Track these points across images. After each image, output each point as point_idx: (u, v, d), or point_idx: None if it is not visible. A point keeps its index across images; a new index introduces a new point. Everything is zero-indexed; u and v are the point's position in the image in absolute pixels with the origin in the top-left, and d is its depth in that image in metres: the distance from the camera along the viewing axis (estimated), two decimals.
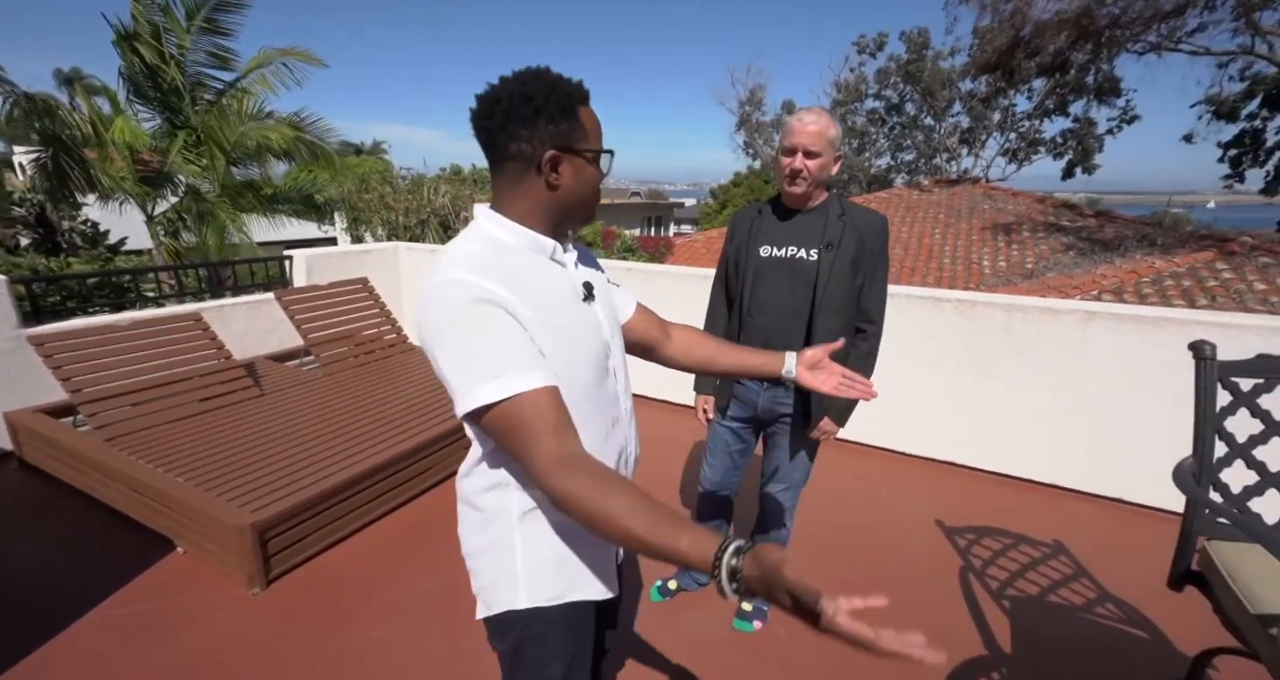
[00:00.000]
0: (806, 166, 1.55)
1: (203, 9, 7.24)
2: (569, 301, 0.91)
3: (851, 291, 1.65)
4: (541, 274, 0.89)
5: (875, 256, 1.66)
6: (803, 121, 1.55)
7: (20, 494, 2.74)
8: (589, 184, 0.92)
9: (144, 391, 2.82)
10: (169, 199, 7.97)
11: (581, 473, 0.75)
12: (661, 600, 2.14)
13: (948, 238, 12.99)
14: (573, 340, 0.89)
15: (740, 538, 0.68)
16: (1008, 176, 23.21)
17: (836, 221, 1.64)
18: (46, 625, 1.92)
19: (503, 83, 0.85)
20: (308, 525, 2.27)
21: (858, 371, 1.68)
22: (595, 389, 0.93)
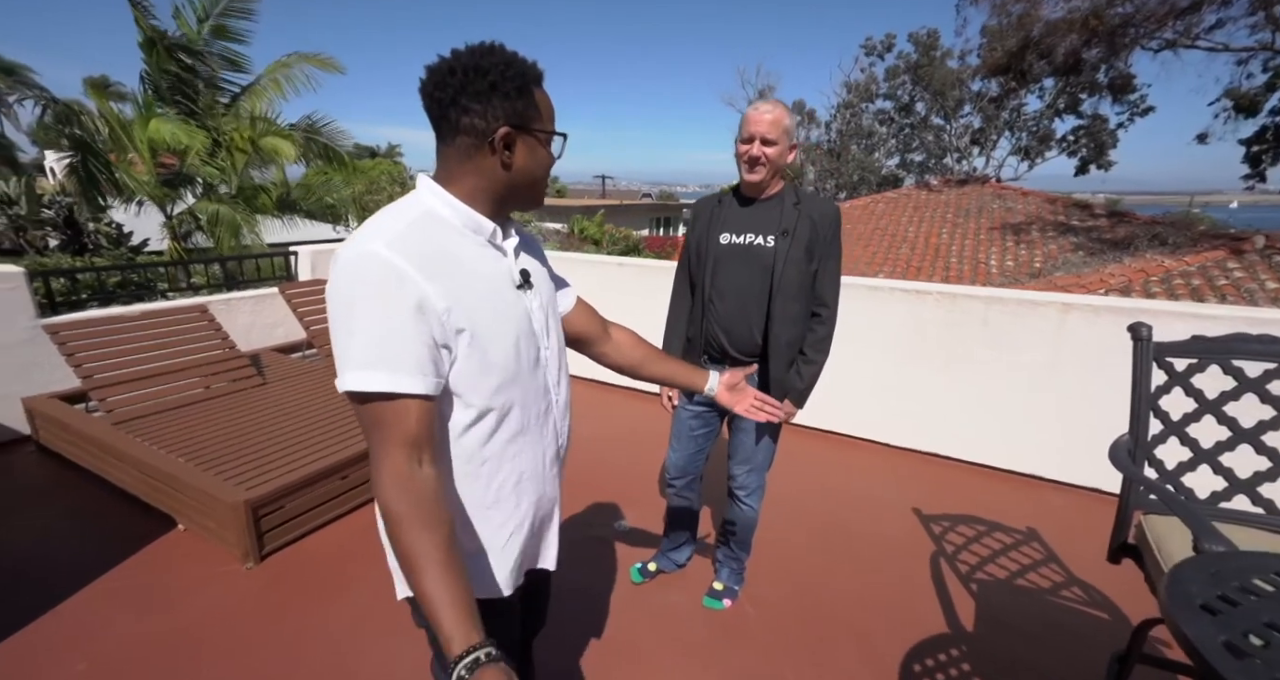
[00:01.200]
0: (764, 153, 1.62)
1: (211, 16, 7.48)
2: (501, 287, 0.90)
3: (807, 276, 1.71)
4: (475, 257, 0.88)
5: (829, 244, 1.72)
6: (759, 111, 1.62)
7: (36, 475, 2.89)
8: (542, 165, 0.91)
9: (151, 378, 2.97)
10: (187, 201, 8.22)
11: (411, 499, 0.73)
12: (641, 581, 2.21)
13: (956, 237, 12.89)
14: (498, 326, 0.87)
15: (489, 647, 0.68)
16: (1020, 176, 22.94)
17: (792, 210, 1.69)
18: (55, 594, 2.05)
19: (455, 55, 0.83)
20: (300, 505, 2.38)
21: (813, 354, 1.75)
22: (523, 377, 0.92)
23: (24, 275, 3.08)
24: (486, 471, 0.92)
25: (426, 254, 0.80)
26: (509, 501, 0.96)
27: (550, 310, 1.03)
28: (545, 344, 0.98)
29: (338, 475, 2.51)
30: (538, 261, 1.04)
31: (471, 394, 0.86)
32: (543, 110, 0.88)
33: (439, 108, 0.84)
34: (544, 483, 1.02)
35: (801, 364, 1.78)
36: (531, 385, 0.95)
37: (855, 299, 3.22)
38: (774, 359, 1.75)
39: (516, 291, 0.93)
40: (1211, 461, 1.40)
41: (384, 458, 0.75)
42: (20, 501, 2.66)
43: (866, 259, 12.18)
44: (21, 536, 2.42)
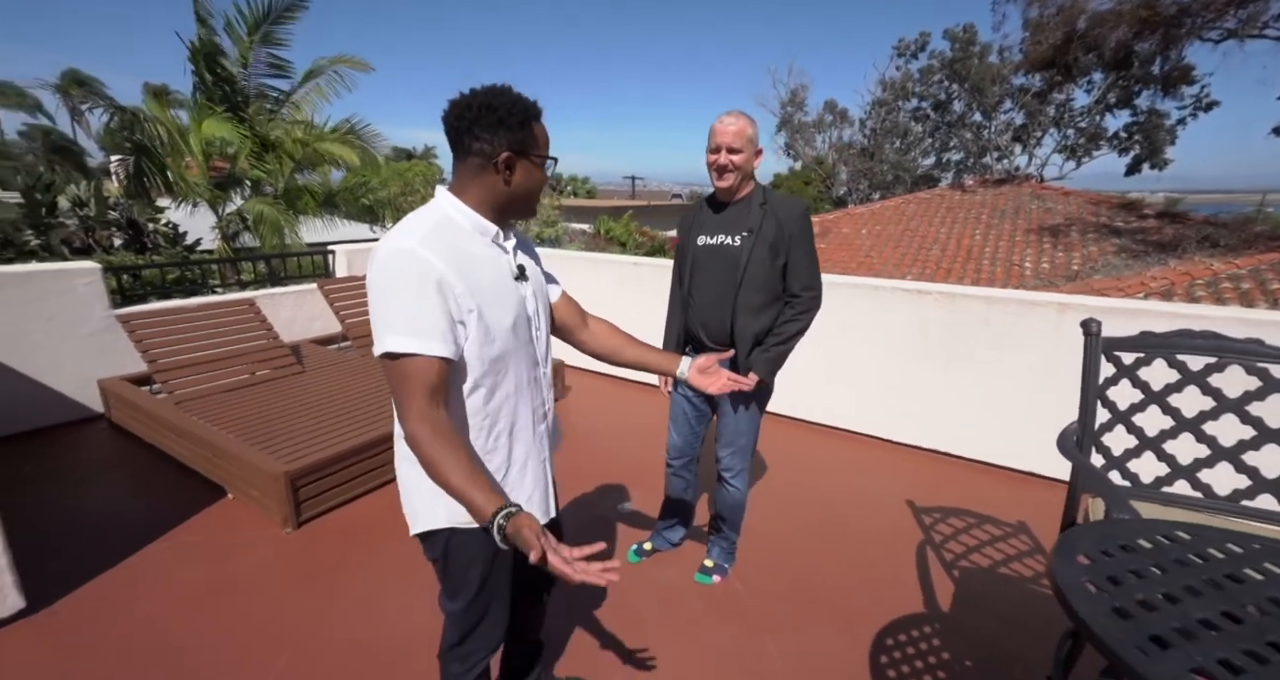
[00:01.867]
0: (731, 161, 1.78)
1: (262, 24, 7.97)
2: (503, 278, 1.12)
3: (772, 271, 1.83)
4: (482, 253, 1.09)
5: (795, 239, 1.83)
6: (724, 123, 1.78)
7: (108, 448, 3.25)
8: (535, 183, 1.12)
9: (206, 364, 3.30)
10: (236, 203, 8.77)
11: (433, 427, 0.95)
12: (638, 561, 2.37)
13: (989, 239, 12.62)
14: (500, 308, 1.08)
15: (515, 505, 0.91)
16: (1065, 175, 22.11)
17: (758, 210, 1.83)
18: (123, 551, 2.35)
19: (473, 93, 1.05)
20: (334, 478, 2.64)
21: (786, 329, 1.86)
22: (519, 349, 1.15)
23: (100, 271, 3.45)
24: (488, 424, 1.15)
25: (447, 249, 1.02)
26: (504, 447, 1.18)
27: (540, 299, 1.25)
28: (536, 325, 1.21)
29: (368, 453, 2.76)
30: (531, 259, 1.26)
31: (477, 361, 1.08)
32: (539, 140, 1.10)
33: (456, 133, 1.06)
34: (532, 436, 1.24)
35: (769, 339, 1.88)
36: (524, 357, 1.18)
37: (858, 299, 3.33)
38: (739, 346, 1.89)
39: (515, 282, 1.15)
40: (1155, 449, 1.50)
41: (411, 403, 0.97)
42: (95, 471, 3.01)
43: (895, 260, 12.04)
44: (96, 501, 2.75)
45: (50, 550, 2.30)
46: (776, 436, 3.49)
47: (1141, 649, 0.78)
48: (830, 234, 13.65)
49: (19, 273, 3.22)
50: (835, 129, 25.77)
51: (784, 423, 3.73)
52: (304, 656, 1.84)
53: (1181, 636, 0.80)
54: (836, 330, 3.39)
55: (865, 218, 14.40)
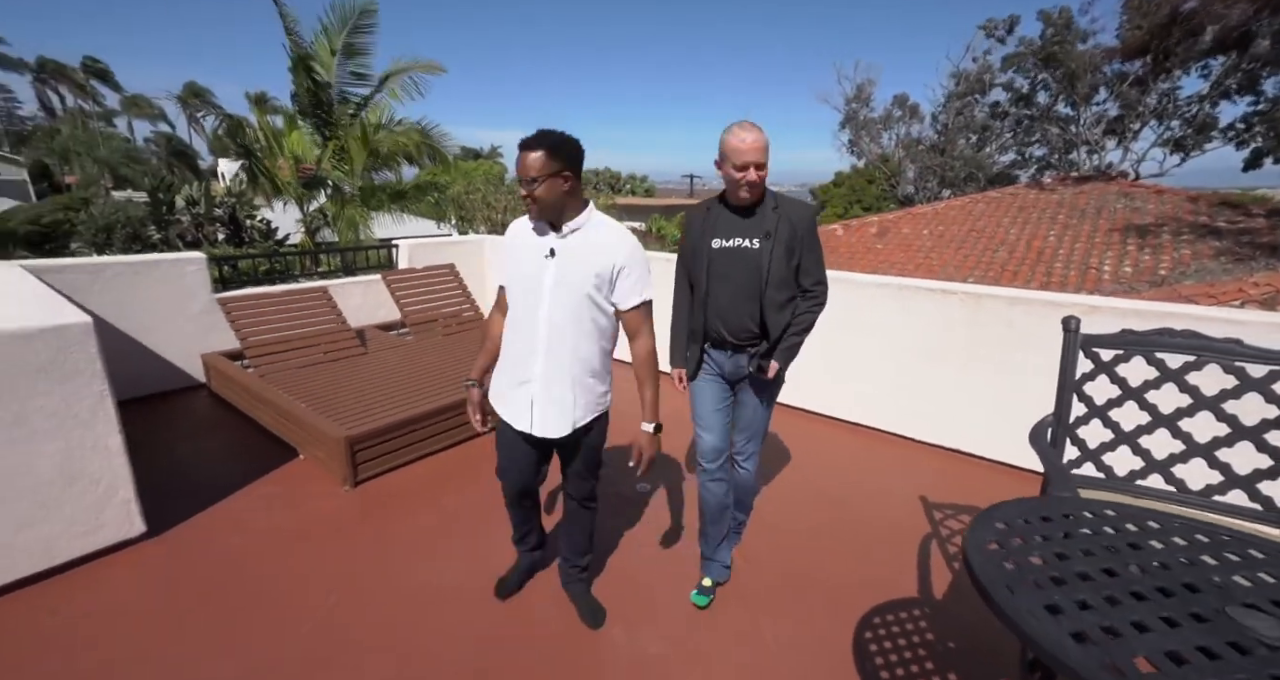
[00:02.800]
0: (760, 176, 1.84)
1: (342, 34, 8.71)
2: (534, 253, 1.69)
3: (789, 270, 1.93)
4: (531, 236, 1.72)
5: (806, 239, 1.93)
6: (746, 142, 1.80)
7: (207, 413, 3.78)
8: None
9: (286, 343, 3.77)
10: (319, 200, 9.63)
11: (493, 319, 1.89)
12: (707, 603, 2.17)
13: (1065, 240, 11.86)
14: (520, 268, 1.72)
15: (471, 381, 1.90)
16: (1167, 171, 20.22)
17: (772, 214, 1.91)
18: (215, 496, 2.78)
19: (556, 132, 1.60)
20: (388, 445, 2.99)
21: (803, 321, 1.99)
22: (523, 300, 1.72)
23: (205, 260, 4.01)
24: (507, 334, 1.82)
25: (518, 228, 1.77)
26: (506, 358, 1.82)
27: (565, 280, 1.66)
28: (543, 291, 1.67)
29: (419, 424, 3.10)
30: (588, 258, 1.67)
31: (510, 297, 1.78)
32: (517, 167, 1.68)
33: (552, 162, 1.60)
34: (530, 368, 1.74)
35: (789, 333, 1.98)
36: (525, 306, 1.72)
37: (883, 298, 3.37)
38: (772, 337, 1.99)
39: (544, 259, 1.67)
40: (1131, 443, 1.53)
41: (494, 307, 1.89)
42: (197, 431, 3.53)
43: (957, 262, 11.54)
44: (197, 455, 3.24)
45: (163, 491, 2.75)
46: (794, 430, 3.58)
47: (1009, 587, 0.90)
48: (889, 234, 13.24)
49: (144, 261, 3.80)
50: (904, 125, 24.79)
51: (804, 416, 3.81)
52: (351, 595, 2.16)
53: (1054, 583, 0.92)
54: (859, 328, 3.44)
55: (928, 217, 13.85)
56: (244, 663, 1.85)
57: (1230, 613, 0.83)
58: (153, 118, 37.73)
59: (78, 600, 2.11)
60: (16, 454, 2.06)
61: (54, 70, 36.48)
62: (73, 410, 2.16)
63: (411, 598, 2.15)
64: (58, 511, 2.18)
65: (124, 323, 3.73)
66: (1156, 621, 0.82)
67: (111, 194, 19.86)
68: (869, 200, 23.94)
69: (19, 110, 38.07)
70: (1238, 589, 0.89)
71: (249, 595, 2.15)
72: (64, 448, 2.16)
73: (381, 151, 9.24)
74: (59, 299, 2.64)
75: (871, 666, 1.87)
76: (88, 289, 3.55)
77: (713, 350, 2.09)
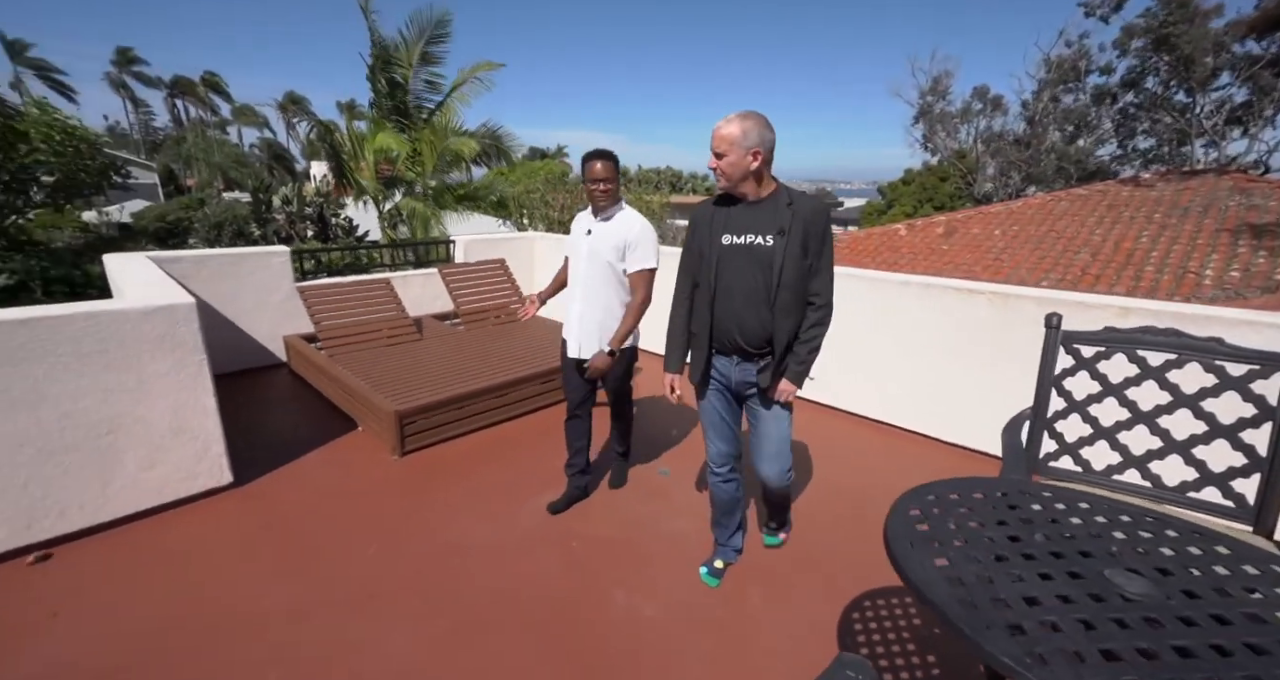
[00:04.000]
0: (718, 165, 1.82)
1: (419, 43, 9.36)
2: (579, 233, 2.50)
3: (802, 269, 1.84)
4: (581, 222, 2.53)
5: (820, 239, 1.84)
6: (716, 127, 1.80)
7: (286, 388, 4.29)
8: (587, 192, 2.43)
9: (352, 327, 4.21)
10: (395, 199, 10.40)
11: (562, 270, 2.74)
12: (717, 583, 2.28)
13: (1161, 241, 10.88)
14: (570, 247, 2.57)
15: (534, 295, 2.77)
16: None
17: (785, 210, 1.83)
18: (286, 457, 3.21)
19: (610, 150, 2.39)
20: (433, 419, 3.33)
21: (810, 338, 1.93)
22: (575, 263, 2.53)
23: (288, 253, 4.54)
24: None
25: (577, 217, 2.58)
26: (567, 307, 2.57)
27: (595, 254, 2.43)
28: (582, 256, 2.47)
29: (463, 403, 3.42)
30: (612, 235, 2.40)
31: None
32: (586, 171, 2.38)
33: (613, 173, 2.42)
34: (572, 311, 2.53)
35: (799, 347, 1.91)
36: (575, 272, 2.54)
37: (908, 297, 3.36)
38: (778, 345, 1.90)
39: (585, 236, 2.46)
40: (1110, 438, 1.55)
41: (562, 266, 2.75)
42: (276, 402, 4.03)
43: (1030, 264, 10.86)
44: (276, 422, 3.71)
45: (246, 450, 3.20)
46: (817, 425, 3.63)
47: (911, 542, 1.00)
48: (957, 234, 12.61)
49: (238, 253, 4.37)
50: (984, 118, 23.38)
51: (827, 412, 3.84)
52: (389, 548, 2.47)
53: (951, 541, 1.01)
54: (884, 326, 3.44)
55: (1002, 217, 13.06)
56: (300, 592, 2.19)
57: (1109, 574, 0.90)
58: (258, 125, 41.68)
59: (176, 532, 2.54)
60: (140, 408, 2.51)
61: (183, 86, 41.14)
62: (179, 375, 2.59)
63: (440, 552, 2.44)
64: (167, 457, 2.63)
65: (222, 306, 4.31)
66: (1032, 576, 0.91)
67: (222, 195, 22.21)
68: (941, 198, 22.76)
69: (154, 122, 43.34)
70: (1131, 558, 0.95)
71: (307, 540, 2.51)
72: (173, 405, 2.60)
73: (450, 155, 9.87)
74: (172, 284, 3.13)
75: (853, 643, 1.95)
76: (195, 277, 4.13)
77: (718, 358, 2.03)
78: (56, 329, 2.26)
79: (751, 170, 1.81)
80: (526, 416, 3.79)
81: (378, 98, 9.80)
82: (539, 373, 3.81)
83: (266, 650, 1.92)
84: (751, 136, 1.76)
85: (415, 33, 9.41)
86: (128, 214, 17.80)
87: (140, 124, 42.64)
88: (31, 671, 1.82)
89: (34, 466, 2.31)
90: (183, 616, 2.06)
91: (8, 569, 2.27)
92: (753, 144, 1.77)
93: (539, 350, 4.19)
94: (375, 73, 9.44)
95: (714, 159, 1.83)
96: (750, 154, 1.78)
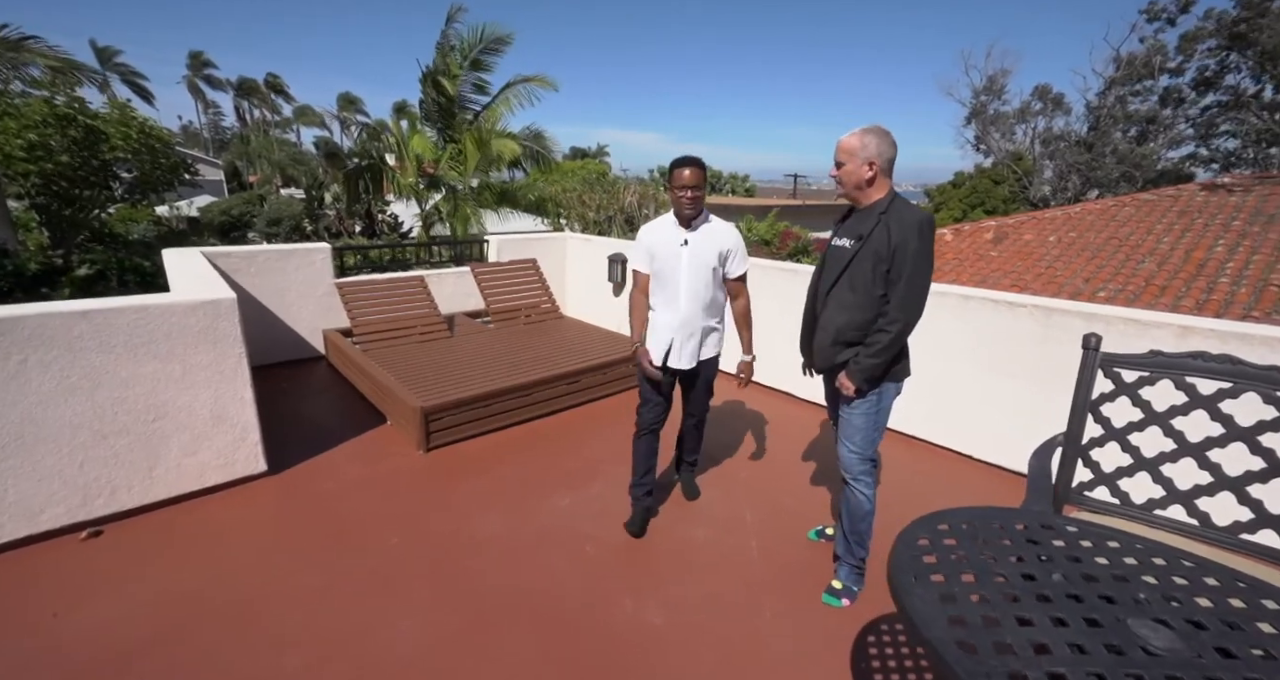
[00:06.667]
0: (835, 174, 1.97)
1: (472, 51, 9.59)
2: (671, 244, 2.38)
3: (874, 274, 1.88)
4: (666, 232, 2.41)
5: (906, 250, 1.82)
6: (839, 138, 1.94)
7: (324, 379, 4.46)
8: (674, 200, 2.35)
9: (386, 323, 4.34)
10: (435, 198, 10.68)
11: (636, 299, 2.53)
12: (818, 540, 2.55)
13: (1239, 251, 10.12)
14: (662, 254, 2.39)
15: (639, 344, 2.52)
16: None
17: (876, 218, 1.90)
18: (320, 448, 3.33)
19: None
20: (458, 417, 3.39)
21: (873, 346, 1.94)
22: (666, 277, 2.41)
23: (330, 249, 4.72)
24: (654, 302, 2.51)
25: (652, 229, 2.47)
26: (657, 311, 2.50)
27: (698, 262, 2.37)
28: (682, 270, 2.38)
29: (487, 401, 3.48)
30: (710, 244, 2.38)
31: (653, 278, 2.46)
32: (675, 177, 2.30)
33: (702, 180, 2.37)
34: (672, 321, 2.44)
35: (861, 351, 1.96)
36: (671, 282, 2.41)
37: (944, 309, 3.22)
38: (819, 334, 2.04)
39: (680, 246, 2.37)
40: (1152, 470, 1.43)
41: (634, 289, 2.53)
42: (313, 393, 4.19)
43: (1087, 274, 10.26)
44: (312, 413, 3.86)
45: (282, 440, 3.34)
46: None
47: (915, 576, 0.95)
48: (1008, 240, 12.05)
49: (283, 250, 4.57)
50: (1044, 118, 22.28)
51: None
52: (410, 539, 2.54)
53: (959, 575, 0.95)
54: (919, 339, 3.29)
55: (1058, 222, 12.40)
56: (325, 576, 2.27)
57: (1131, 624, 0.83)
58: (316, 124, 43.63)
59: (215, 516, 2.67)
60: (185, 396, 2.66)
61: (249, 88, 43.44)
62: (220, 367, 2.73)
63: (457, 547, 2.48)
64: (208, 444, 2.77)
65: (267, 300, 4.51)
66: (1044, 620, 0.84)
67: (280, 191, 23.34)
68: (994, 202, 21.78)
69: (223, 122, 45.99)
70: (1159, 607, 0.87)
71: (334, 528, 2.60)
72: (214, 395, 2.74)
73: (492, 155, 10.08)
74: (218, 279, 3.29)
75: (868, 667, 1.88)
76: (244, 271, 4.34)
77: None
78: (110, 320, 2.41)
79: (865, 179, 1.93)
80: (550, 417, 3.82)
81: (426, 100, 10.09)
82: (564, 373, 3.84)
83: (288, 630, 2.01)
84: (870, 149, 1.89)
85: (472, 40, 9.66)
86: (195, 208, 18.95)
87: (209, 124, 45.32)
88: (85, 627, 1.95)
89: (89, 449, 2.47)
90: (213, 595, 2.16)
91: (66, 542, 2.44)
92: (870, 155, 1.89)
93: (566, 350, 4.22)
94: (426, 79, 9.72)
95: (834, 167, 1.98)
96: (866, 164, 1.90)
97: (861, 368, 1.95)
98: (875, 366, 1.94)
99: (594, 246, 5.67)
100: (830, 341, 2.02)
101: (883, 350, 1.91)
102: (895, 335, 1.90)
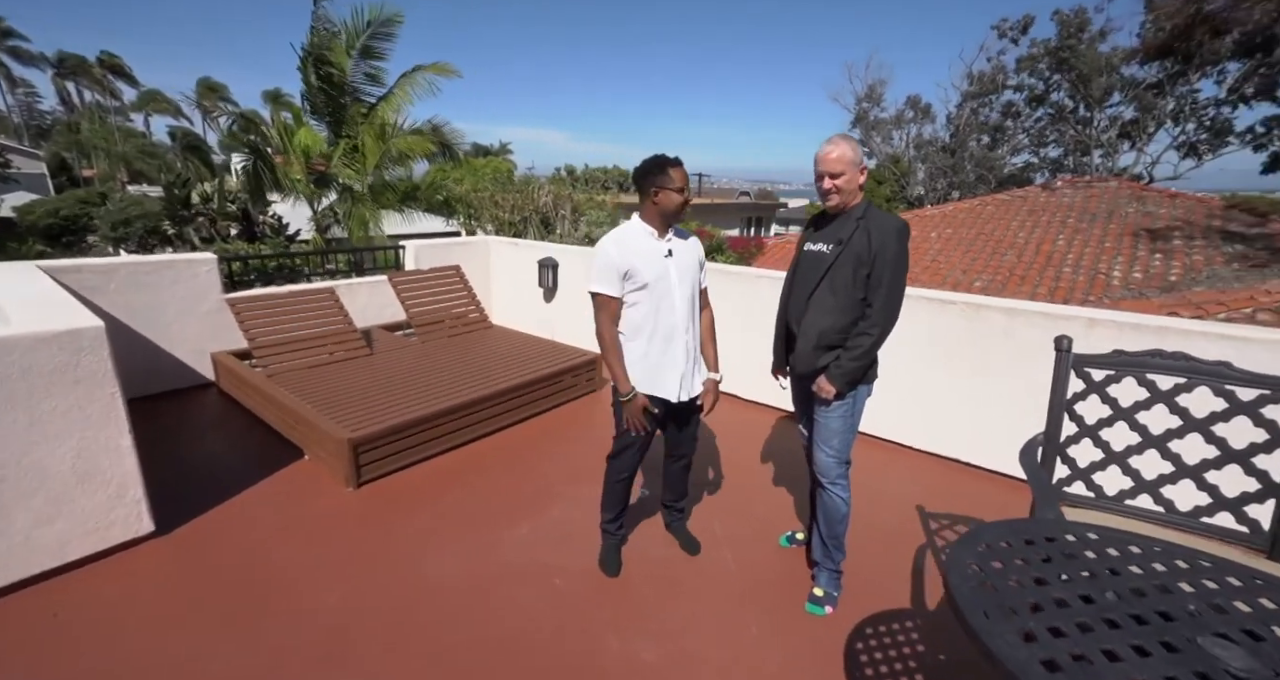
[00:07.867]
0: (835, 184, 1.92)
1: (361, 37, 8.78)
2: (655, 256, 2.06)
3: (854, 279, 1.90)
4: (643, 243, 2.07)
5: (883, 255, 1.85)
6: (824, 151, 1.93)
7: (216, 412, 3.84)
8: (673, 203, 2.03)
9: (293, 343, 3.82)
10: (330, 197, 9.71)
11: (609, 335, 2.06)
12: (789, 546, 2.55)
13: (1075, 244, 11.74)
14: (647, 273, 2.03)
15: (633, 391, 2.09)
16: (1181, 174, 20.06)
17: (854, 223, 1.93)
18: (223, 494, 2.84)
19: (645, 159, 2.05)
20: (391, 447, 3.04)
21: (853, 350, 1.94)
22: (657, 293, 2.06)
23: (216, 260, 4.07)
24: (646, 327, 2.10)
25: (622, 243, 2.05)
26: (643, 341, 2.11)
27: (686, 271, 2.14)
28: (674, 282, 2.10)
29: (423, 426, 3.15)
30: (689, 252, 2.18)
31: (632, 298, 2.07)
32: (674, 178, 2.00)
33: (635, 182, 2.08)
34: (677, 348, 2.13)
35: (843, 354, 1.97)
36: (666, 301, 2.09)
37: None
38: (802, 339, 2.03)
39: (664, 259, 2.08)
40: (1121, 463, 1.54)
41: (602, 320, 2.07)
42: (205, 430, 3.59)
43: (964, 266, 11.47)
44: (207, 453, 3.30)
45: (171, 489, 2.81)
46: (792, 435, 3.59)
47: (986, 612, 0.92)
48: None
49: (156, 261, 3.87)
50: (915, 125, 24.69)
51: None
52: (351, 593, 2.21)
53: (1031, 609, 0.93)
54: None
55: (936, 220, 13.76)
56: (250, 654, 1.90)
57: (1201, 643, 0.85)
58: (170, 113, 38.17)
59: (87, 597, 2.17)
60: (33, 453, 2.12)
61: (74, 65, 36.96)
62: (85, 412, 2.21)
63: (411, 595, 2.20)
64: (70, 509, 2.24)
65: (137, 322, 3.80)
66: (1127, 650, 0.84)
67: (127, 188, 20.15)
68: (878, 201, 23.88)
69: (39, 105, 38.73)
70: (1211, 618, 0.91)
71: (255, 591, 2.21)
72: (76, 447, 2.22)
73: (394, 151, 9.31)
74: (72, 301, 2.69)
75: (861, 676, 1.89)
76: (102, 289, 3.62)
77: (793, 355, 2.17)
78: None
79: (859, 184, 1.96)
80: (492, 436, 3.55)
81: (310, 89, 9.10)
82: (507, 388, 3.58)
83: None
84: (859, 155, 1.95)
85: (359, 25, 8.80)
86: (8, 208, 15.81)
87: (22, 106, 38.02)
88: None
89: None
90: None
91: None
92: (860, 162, 1.95)
93: (502, 362, 3.95)
94: (307, 64, 8.75)
95: (829, 180, 1.94)
96: (860, 170, 1.95)
97: (844, 371, 1.96)
98: (857, 369, 1.96)
99: (521, 250, 5.39)
100: (812, 346, 2.01)
101: (865, 353, 1.94)
102: (877, 338, 1.93)
